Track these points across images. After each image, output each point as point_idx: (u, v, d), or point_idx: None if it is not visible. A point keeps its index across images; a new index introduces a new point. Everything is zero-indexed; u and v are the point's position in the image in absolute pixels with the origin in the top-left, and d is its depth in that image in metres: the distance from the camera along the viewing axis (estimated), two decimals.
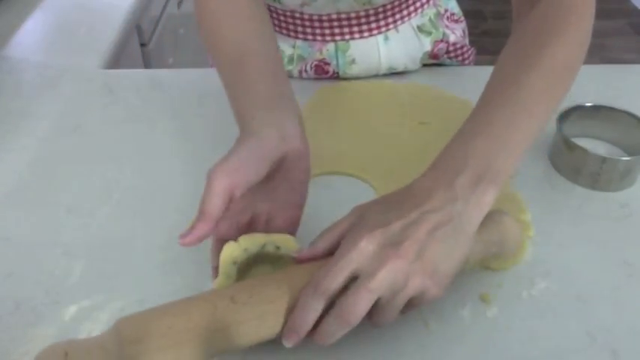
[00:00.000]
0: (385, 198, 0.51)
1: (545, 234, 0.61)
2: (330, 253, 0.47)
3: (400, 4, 0.81)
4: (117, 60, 1.07)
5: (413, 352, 0.51)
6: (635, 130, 0.69)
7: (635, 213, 0.64)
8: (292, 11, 0.80)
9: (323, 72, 0.84)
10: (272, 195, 0.54)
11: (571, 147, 0.66)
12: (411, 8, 0.83)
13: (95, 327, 0.53)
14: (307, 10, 0.79)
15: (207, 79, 0.84)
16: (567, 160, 0.67)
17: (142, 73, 0.98)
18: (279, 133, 0.52)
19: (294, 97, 0.59)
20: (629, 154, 0.70)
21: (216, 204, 0.47)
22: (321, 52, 0.83)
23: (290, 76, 0.85)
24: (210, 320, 0.44)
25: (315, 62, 0.83)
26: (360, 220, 0.48)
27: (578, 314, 0.53)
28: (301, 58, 0.84)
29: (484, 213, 0.48)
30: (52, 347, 0.44)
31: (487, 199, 0.48)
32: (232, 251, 0.50)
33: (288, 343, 0.45)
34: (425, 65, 0.88)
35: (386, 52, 0.83)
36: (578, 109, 0.71)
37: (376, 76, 0.85)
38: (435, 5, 0.87)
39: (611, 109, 0.70)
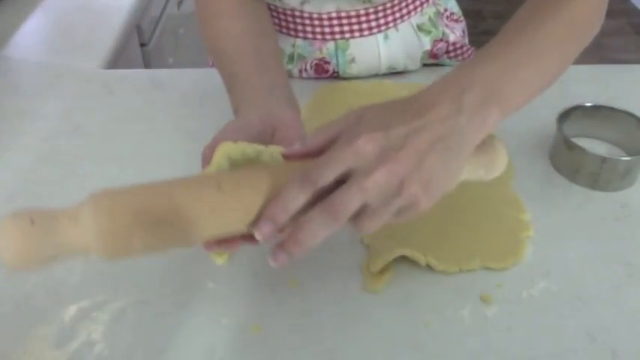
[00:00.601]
0: (388, 103, 0.48)
1: (545, 234, 0.61)
2: (324, 152, 0.45)
3: (400, 3, 0.81)
4: (117, 60, 1.07)
5: (413, 352, 0.51)
6: (635, 130, 0.69)
7: (635, 213, 0.64)
8: (292, 9, 0.80)
9: (323, 71, 0.84)
10: None
11: (571, 147, 0.66)
12: (411, 7, 0.83)
13: (95, 327, 0.53)
14: (307, 8, 0.79)
15: (207, 79, 0.84)
16: (567, 160, 0.67)
17: (142, 73, 0.98)
18: (260, 111, 0.55)
19: (288, 84, 0.62)
20: (629, 154, 0.70)
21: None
22: (321, 51, 0.83)
23: (290, 75, 0.85)
24: (192, 204, 0.42)
25: (315, 61, 0.83)
26: (359, 121, 0.45)
27: (578, 314, 0.53)
28: (301, 57, 0.84)
29: (485, 134, 0.47)
30: (17, 213, 0.40)
31: (491, 119, 0.46)
32: (228, 147, 0.48)
33: (259, 234, 0.42)
34: (425, 65, 0.88)
35: (386, 51, 0.83)
36: (578, 109, 0.71)
37: (376, 75, 0.85)
38: (434, 4, 0.87)
39: (611, 109, 0.70)
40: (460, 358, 0.50)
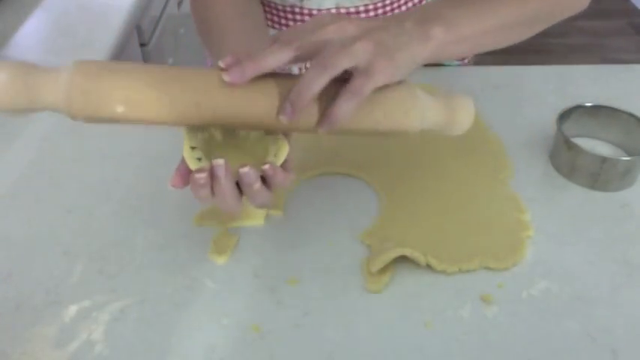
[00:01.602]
0: None
1: (545, 234, 0.61)
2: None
3: (399, 0, 0.81)
4: (117, 60, 1.07)
5: (413, 351, 0.51)
6: (635, 130, 0.69)
7: (635, 213, 0.64)
8: (292, 6, 0.81)
9: None
10: None
11: (571, 147, 0.66)
12: (410, 4, 0.83)
13: (95, 327, 0.53)
14: (307, 4, 0.80)
15: None
16: (567, 160, 0.67)
17: None
18: None
19: None
20: (629, 154, 0.70)
21: None
22: None
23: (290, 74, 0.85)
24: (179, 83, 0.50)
25: None
26: None
27: (578, 314, 0.53)
28: None
29: (431, 45, 0.52)
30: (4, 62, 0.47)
31: (433, 32, 0.52)
32: None
33: (222, 62, 0.48)
34: (425, 65, 0.87)
35: None
36: (579, 109, 0.71)
37: None
38: None
39: (611, 109, 0.70)
40: (460, 358, 0.50)
